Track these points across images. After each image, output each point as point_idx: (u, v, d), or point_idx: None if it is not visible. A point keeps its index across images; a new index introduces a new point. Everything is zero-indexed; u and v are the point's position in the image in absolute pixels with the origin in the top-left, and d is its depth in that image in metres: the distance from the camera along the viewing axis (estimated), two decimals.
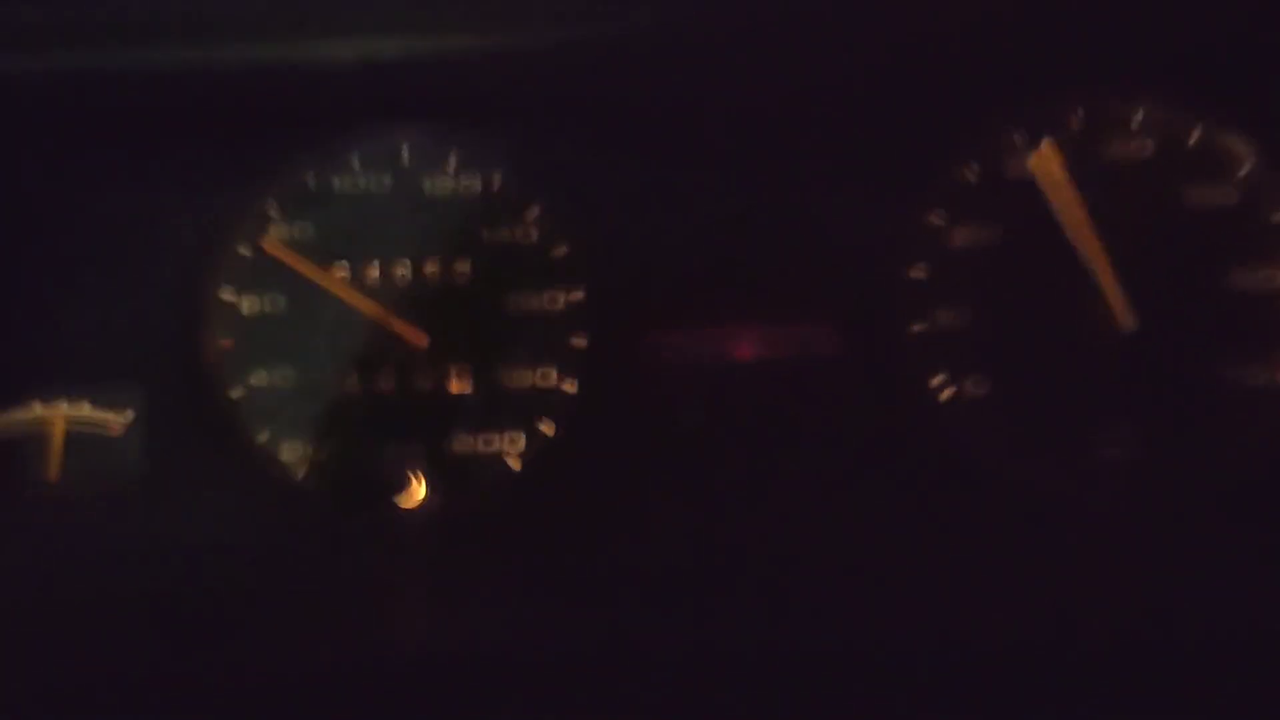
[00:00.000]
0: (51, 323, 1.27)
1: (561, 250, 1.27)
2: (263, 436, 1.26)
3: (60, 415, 1.25)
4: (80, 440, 1.25)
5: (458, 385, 1.26)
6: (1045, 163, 1.23)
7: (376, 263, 1.27)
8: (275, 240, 1.27)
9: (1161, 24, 1.22)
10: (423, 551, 1.24)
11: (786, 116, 1.27)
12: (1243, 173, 1.23)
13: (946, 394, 1.23)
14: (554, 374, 1.26)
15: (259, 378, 1.26)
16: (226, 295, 1.27)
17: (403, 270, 1.27)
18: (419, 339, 1.25)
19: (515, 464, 1.25)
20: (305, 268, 1.26)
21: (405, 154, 1.29)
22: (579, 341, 1.26)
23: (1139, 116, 1.25)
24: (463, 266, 1.27)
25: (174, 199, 1.28)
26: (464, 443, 1.25)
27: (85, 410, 1.25)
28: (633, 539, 1.22)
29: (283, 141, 1.28)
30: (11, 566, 1.23)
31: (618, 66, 1.24)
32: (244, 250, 1.28)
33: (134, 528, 1.24)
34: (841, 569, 1.20)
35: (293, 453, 1.26)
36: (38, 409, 1.25)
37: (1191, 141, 1.24)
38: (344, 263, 1.27)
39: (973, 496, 1.21)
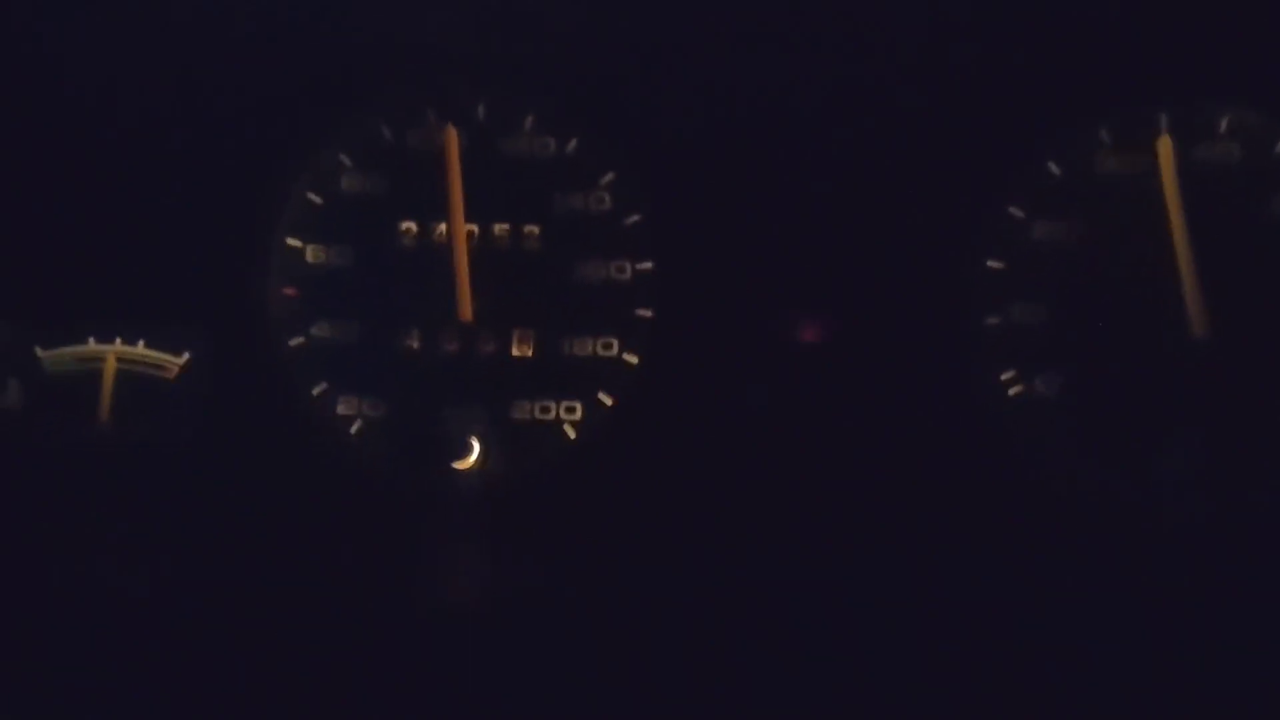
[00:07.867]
0: (112, 260, 1.25)
1: (633, 219, 1.25)
2: (318, 389, 1.24)
3: (113, 353, 1.23)
4: (134, 381, 1.22)
5: (519, 350, 1.24)
6: (1164, 157, 1.21)
7: (445, 221, 1.24)
8: None
9: (1250, 28, 1.20)
10: (473, 517, 1.22)
11: (870, 100, 1.24)
12: None
13: (1015, 390, 1.21)
14: (616, 344, 1.24)
15: (320, 328, 1.24)
16: (292, 242, 1.25)
17: (471, 230, 1.25)
18: (464, 310, 1.23)
19: (572, 433, 1.23)
20: None
21: (481, 113, 1.26)
22: (644, 313, 1.24)
23: (1226, 121, 1.23)
24: (532, 230, 1.25)
25: (245, 139, 1.26)
26: (521, 409, 1.23)
27: (140, 350, 1.23)
28: (687, 517, 1.20)
29: (358, 91, 1.26)
30: (57, 507, 1.21)
31: (700, 36, 1.23)
32: (314, 197, 1.26)
33: (181, 474, 1.22)
34: (898, 557, 1.18)
35: (348, 408, 1.24)
36: (91, 345, 1.23)
37: (1278, 148, 1.23)
38: (412, 219, 1.25)
39: (1033, 497, 1.19)
